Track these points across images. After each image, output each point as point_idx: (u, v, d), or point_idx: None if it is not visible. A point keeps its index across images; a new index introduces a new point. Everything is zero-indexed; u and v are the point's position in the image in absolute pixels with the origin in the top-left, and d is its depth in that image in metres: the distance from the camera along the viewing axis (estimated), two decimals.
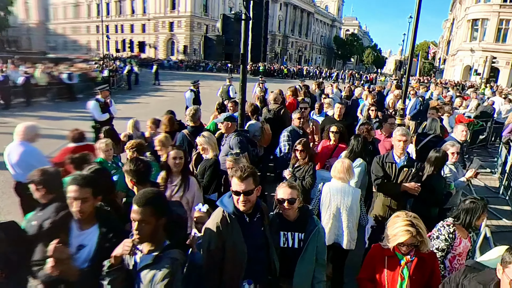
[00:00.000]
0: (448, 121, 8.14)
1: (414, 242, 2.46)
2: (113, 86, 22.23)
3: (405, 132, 4.18)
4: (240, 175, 2.49)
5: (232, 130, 5.04)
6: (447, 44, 71.20)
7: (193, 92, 10.62)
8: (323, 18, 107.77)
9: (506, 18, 39.86)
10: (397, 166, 4.16)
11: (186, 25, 63.10)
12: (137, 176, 3.12)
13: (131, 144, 4.47)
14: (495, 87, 28.88)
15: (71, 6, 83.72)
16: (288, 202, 2.76)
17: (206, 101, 11.80)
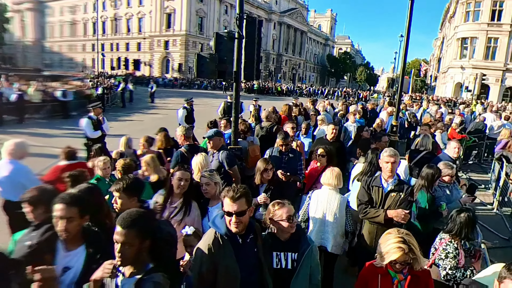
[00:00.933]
0: (440, 137, 8.20)
1: (406, 260, 2.41)
2: (107, 104, 22.23)
3: (393, 153, 3.81)
4: (233, 196, 2.44)
5: (219, 146, 5.01)
6: (438, 61, 72.62)
7: (186, 110, 10.61)
8: (316, 37, 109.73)
9: (494, 37, 40.91)
10: (384, 190, 3.78)
11: (181, 44, 63.81)
12: (124, 191, 3.04)
13: (120, 164, 4.40)
14: (486, 103, 29.36)
15: (68, 25, 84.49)
16: (291, 218, 2.70)
17: (200, 119, 11.76)
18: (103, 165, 4.57)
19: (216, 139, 4.87)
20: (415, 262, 2.45)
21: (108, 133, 8.75)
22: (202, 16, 66.41)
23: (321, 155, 5.01)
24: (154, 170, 4.57)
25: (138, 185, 3.20)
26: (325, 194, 3.99)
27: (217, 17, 69.34)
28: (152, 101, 27.99)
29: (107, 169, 4.62)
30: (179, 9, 63.15)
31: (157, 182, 4.38)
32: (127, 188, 3.04)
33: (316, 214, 3.97)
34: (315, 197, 4.05)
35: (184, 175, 3.60)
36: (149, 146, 6.02)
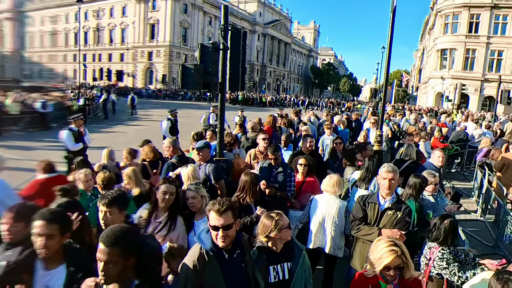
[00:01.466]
0: (424, 146, 8.35)
1: (400, 264, 2.39)
2: (89, 115, 21.89)
3: (391, 169, 3.65)
4: (218, 209, 2.39)
5: (208, 158, 4.96)
6: (419, 72, 74.64)
7: (170, 121, 10.54)
8: (300, 48, 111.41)
9: (472, 48, 42.36)
10: (380, 208, 3.64)
11: (165, 55, 63.73)
12: (115, 205, 2.97)
13: (100, 178, 4.29)
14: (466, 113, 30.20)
15: (48, 35, 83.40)
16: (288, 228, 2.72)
17: (185, 130, 11.71)
18: (85, 178, 4.44)
19: (206, 151, 4.83)
20: (406, 269, 2.44)
21: (90, 145, 8.58)
22: (186, 27, 66.61)
23: (304, 165, 4.98)
24: (136, 183, 4.47)
25: (125, 199, 3.14)
26: (325, 198, 4.18)
27: (201, 28, 69.68)
28: (134, 112, 27.45)
29: (89, 182, 4.50)
30: (162, 20, 63.23)
31: (139, 196, 4.28)
32: (117, 201, 2.97)
33: (316, 217, 4.14)
34: (315, 201, 4.24)
35: (168, 188, 3.50)
36: (132, 159, 5.91)
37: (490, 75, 40.98)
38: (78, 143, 8.10)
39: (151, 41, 65.32)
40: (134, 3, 66.21)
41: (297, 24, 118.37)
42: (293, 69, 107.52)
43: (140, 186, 4.41)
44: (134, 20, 67.01)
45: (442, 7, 44.53)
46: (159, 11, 63.47)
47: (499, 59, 41.66)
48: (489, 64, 42.14)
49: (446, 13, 44.00)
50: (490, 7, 40.57)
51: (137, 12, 66.20)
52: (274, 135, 8.93)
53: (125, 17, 69.83)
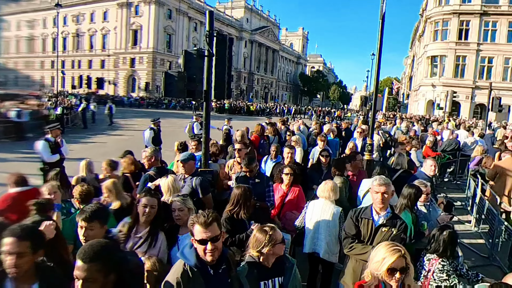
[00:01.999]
0: (416, 155, 8.45)
1: (404, 266, 2.35)
2: (67, 125, 21.57)
3: (384, 181, 3.57)
4: (205, 221, 2.37)
5: (193, 171, 4.92)
6: (409, 79, 76.16)
7: (153, 131, 10.44)
8: (288, 56, 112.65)
9: (462, 55, 43.61)
10: (374, 224, 3.53)
11: (148, 62, 63.56)
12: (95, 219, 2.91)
13: (77, 191, 4.20)
14: (457, 120, 30.87)
15: (25, 40, 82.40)
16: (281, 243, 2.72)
17: (168, 140, 11.59)
18: (49, 190, 4.28)
19: (191, 163, 4.78)
20: (408, 274, 2.40)
21: (68, 157, 8.45)
22: (170, 33, 66.69)
23: (290, 174, 4.97)
24: (116, 196, 4.39)
25: (106, 213, 3.09)
26: (320, 204, 4.38)
27: (186, 34, 69.85)
28: (111, 123, 26.46)
29: (55, 194, 4.34)
30: (146, 26, 63.18)
31: (120, 210, 4.20)
32: (98, 216, 2.92)
33: (311, 222, 4.33)
34: (311, 206, 4.43)
35: (149, 201, 3.44)
36: (112, 170, 5.81)
37: (481, 82, 42.11)
38: (54, 154, 7.96)
39: (134, 48, 65.15)
40: (116, 8, 66.12)
41: (285, 30, 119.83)
42: (282, 77, 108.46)
43: (120, 199, 4.33)
44: (116, 26, 66.80)
45: (432, 13, 45.74)
46: (142, 16, 63.47)
47: (490, 66, 42.88)
48: (480, 71, 43.36)
49: (436, 19, 45.22)
50: (479, 14, 41.88)
51: (119, 17, 66.07)
52: (262, 145, 8.94)
53: (106, 22, 69.58)
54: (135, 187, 5.41)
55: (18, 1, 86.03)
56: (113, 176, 5.78)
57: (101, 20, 70.38)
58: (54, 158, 7.95)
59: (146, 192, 3.59)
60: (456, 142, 12.39)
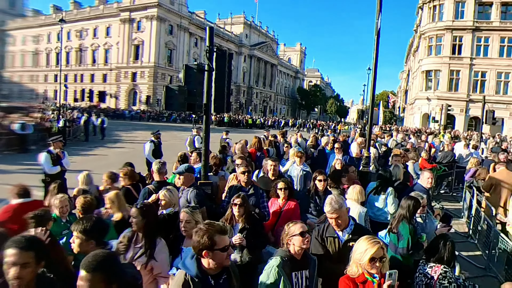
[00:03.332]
0: (413, 167, 8.45)
1: (382, 255, 2.64)
2: (68, 137, 21.57)
3: (333, 207, 3.44)
4: (223, 229, 2.54)
5: (191, 183, 4.90)
6: (405, 93, 76.62)
7: (153, 143, 10.44)
8: (287, 70, 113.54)
9: (456, 69, 43.99)
10: (340, 240, 3.46)
11: (150, 76, 63.93)
12: (84, 234, 2.89)
13: (80, 203, 4.20)
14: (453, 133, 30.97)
15: (30, 55, 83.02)
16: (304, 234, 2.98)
17: (169, 153, 11.61)
18: (60, 203, 4.33)
19: (187, 175, 4.76)
20: (384, 264, 2.70)
21: (70, 169, 8.44)
22: (171, 48, 67.30)
23: (284, 188, 4.82)
24: (119, 208, 4.38)
25: (99, 227, 3.05)
26: (348, 205, 4.41)
27: (186, 49, 70.49)
28: (103, 136, 25.51)
29: (65, 208, 4.38)
30: (147, 41, 63.78)
31: (121, 221, 4.18)
32: (87, 230, 2.89)
33: None
34: None
35: (133, 212, 3.48)
36: (113, 182, 5.81)
37: (475, 96, 42.38)
38: (55, 166, 7.99)
39: (135, 62, 65.63)
40: (119, 23, 66.88)
41: (283, 46, 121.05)
42: (280, 91, 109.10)
43: (122, 211, 4.31)
44: (118, 41, 67.44)
45: (426, 29, 46.32)
46: (144, 32, 64.14)
47: (483, 80, 43.24)
48: (473, 84, 43.69)
49: (430, 35, 45.75)
50: (472, 29, 42.42)
51: (121, 32, 66.75)
52: (259, 158, 8.90)
53: (109, 37, 70.25)
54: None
55: (24, 16, 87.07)
56: (113, 188, 5.78)
57: (104, 35, 71.07)
58: (55, 170, 7.97)
59: (136, 204, 3.64)
60: (451, 154, 12.43)
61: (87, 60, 73.93)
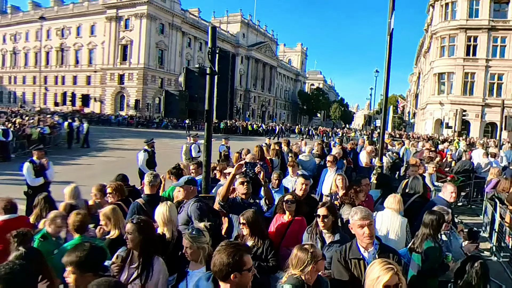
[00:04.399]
0: (430, 178, 8.44)
1: (397, 282, 2.53)
2: (49, 145, 21.47)
3: (367, 214, 3.47)
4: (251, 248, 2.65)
5: (192, 196, 4.86)
6: (415, 97, 77.05)
7: (147, 153, 10.42)
8: (287, 72, 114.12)
9: (471, 72, 44.26)
10: (366, 263, 3.35)
11: (139, 78, 64.02)
12: (79, 267, 2.84)
13: (72, 220, 4.14)
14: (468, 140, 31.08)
15: (9, 54, 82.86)
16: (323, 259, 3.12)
17: (161, 163, 11.58)
18: (60, 222, 4.28)
19: (187, 188, 4.73)
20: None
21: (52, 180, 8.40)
22: (162, 49, 67.57)
23: (291, 201, 4.73)
24: (115, 225, 4.33)
25: (95, 257, 2.99)
26: (388, 214, 4.93)
27: (179, 50, 70.81)
28: (87, 145, 24.92)
29: (60, 228, 4.31)
30: (136, 41, 63.95)
31: (118, 239, 4.14)
32: (82, 262, 2.83)
33: (380, 232, 4.72)
34: (379, 217, 4.93)
35: (128, 228, 3.47)
36: (103, 196, 5.77)
37: (491, 100, 42.66)
38: (38, 178, 7.99)
39: (123, 63, 65.75)
40: (105, 21, 67.09)
41: (283, 46, 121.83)
42: (280, 94, 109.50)
43: (120, 228, 4.26)
44: (104, 40, 67.63)
45: (438, 29, 46.73)
46: (133, 30, 64.36)
47: (499, 83, 43.52)
48: (489, 88, 43.91)
49: (442, 35, 46.15)
50: (487, 29, 42.79)
51: (107, 31, 66.95)
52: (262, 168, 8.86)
53: (93, 36, 70.44)
54: None
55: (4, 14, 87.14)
56: (104, 203, 5.74)
57: (88, 34, 71.25)
58: (37, 181, 7.97)
59: (132, 219, 3.60)
60: (469, 164, 12.43)
61: (69, 61, 73.96)
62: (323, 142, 15.44)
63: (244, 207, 4.62)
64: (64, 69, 74.34)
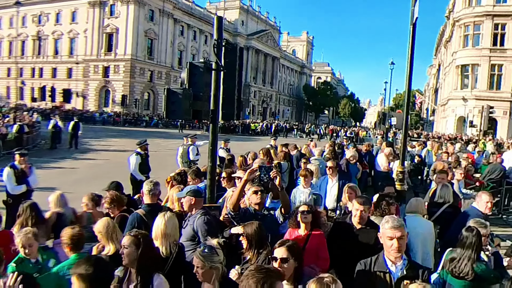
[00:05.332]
0: (458, 186, 8.43)
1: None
2: (27, 146, 21.43)
3: (398, 224, 3.45)
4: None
5: (198, 208, 4.83)
6: (435, 92, 77.06)
7: (140, 156, 10.38)
8: (291, 64, 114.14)
9: (498, 63, 44.19)
10: (393, 277, 3.41)
11: (126, 71, 63.98)
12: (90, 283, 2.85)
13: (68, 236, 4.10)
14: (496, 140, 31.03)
15: None
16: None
17: (153, 166, 11.57)
18: (23, 242, 4.08)
19: (188, 200, 4.71)
20: None
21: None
22: (152, 38, 67.56)
23: (307, 212, 4.65)
24: (108, 240, 4.30)
25: (105, 271, 3.04)
26: (413, 219, 5.29)
27: (170, 39, 70.80)
28: (76, 146, 24.48)
29: (32, 247, 4.14)
30: (123, 29, 63.91)
31: (114, 256, 4.11)
32: (91, 277, 2.85)
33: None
34: (409, 222, 5.03)
35: (124, 240, 3.48)
36: (96, 206, 5.75)
37: None
38: (20, 186, 7.96)
39: (108, 54, 65.72)
40: (87, 7, 67.03)
41: (286, 35, 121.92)
42: (283, 89, 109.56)
43: (115, 243, 4.23)
44: (87, 28, 67.55)
45: (461, 16, 46.68)
46: (119, 17, 64.33)
47: None
48: None
49: (466, 23, 46.08)
50: None
51: (90, 18, 66.85)
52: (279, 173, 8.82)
53: (75, 24, 70.35)
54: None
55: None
56: (96, 213, 5.72)
57: (69, 22, 71.07)
58: (19, 189, 7.96)
59: (129, 232, 3.62)
60: (501, 168, 12.41)
61: (48, 51, 73.70)
62: (335, 144, 15.43)
63: (258, 219, 4.59)
64: (42, 60, 74.04)
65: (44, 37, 73.96)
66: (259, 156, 8.10)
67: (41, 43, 74.41)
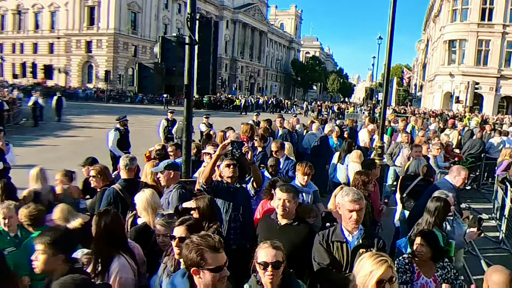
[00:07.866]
0: (434, 160, 8.60)
1: (391, 275, 2.60)
2: (8, 123, 21.20)
3: (358, 196, 3.52)
4: (220, 246, 2.52)
5: (175, 182, 4.91)
6: (423, 68, 77.23)
7: (119, 132, 10.35)
8: (279, 39, 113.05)
9: (486, 39, 44.16)
10: (349, 246, 3.53)
11: (109, 45, 62.95)
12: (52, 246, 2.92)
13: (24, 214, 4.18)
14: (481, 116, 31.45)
15: None
16: (273, 267, 2.76)
17: (137, 143, 11.59)
18: (4, 214, 4.16)
19: (167, 174, 4.78)
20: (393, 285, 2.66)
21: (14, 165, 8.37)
22: (135, 11, 66.30)
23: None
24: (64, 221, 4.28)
25: (69, 239, 3.12)
26: (352, 167, 5.52)
27: (154, 12, 69.49)
28: (59, 119, 26.60)
29: (12, 219, 4.22)
30: (105, 2, 62.56)
31: None
32: (56, 242, 2.92)
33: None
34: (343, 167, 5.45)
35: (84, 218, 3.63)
36: (70, 182, 5.79)
37: (508, 71, 43.01)
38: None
39: (90, 28, 64.47)
40: None
41: (274, 9, 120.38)
42: (271, 64, 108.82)
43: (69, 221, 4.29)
44: (68, 1, 65.89)
45: None
46: None
47: None
48: (506, 58, 43.91)
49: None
50: None
51: None
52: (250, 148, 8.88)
53: None
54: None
55: None
56: (72, 189, 5.78)
57: None
58: None
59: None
60: (480, 143, 12.63)
61: (28, 26, 72.01)
62: (317, 119, 15.55)
63: (230, 192, 4.71)
64: (23, 36, 72.45)
65: (24, 10, 72.10)
66: (240, 130, 8.15)
67: (21, 17, 72.62)
